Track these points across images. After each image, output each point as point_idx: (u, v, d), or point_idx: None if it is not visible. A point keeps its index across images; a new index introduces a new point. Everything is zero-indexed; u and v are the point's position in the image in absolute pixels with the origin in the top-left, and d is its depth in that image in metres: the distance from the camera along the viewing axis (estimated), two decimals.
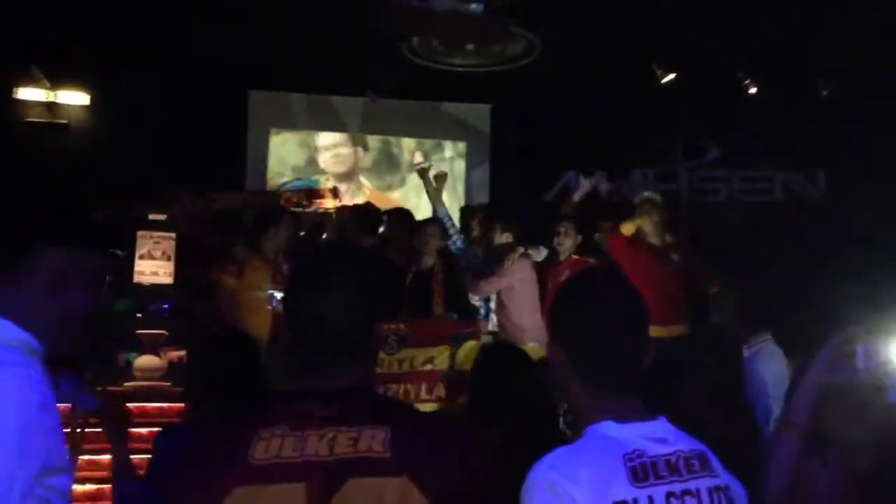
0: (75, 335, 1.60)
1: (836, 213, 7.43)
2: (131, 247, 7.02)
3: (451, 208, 6.41)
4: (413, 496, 1.28)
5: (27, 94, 7.92)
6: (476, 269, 5.66)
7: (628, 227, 5.56)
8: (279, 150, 9.24)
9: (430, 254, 5.39)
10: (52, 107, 8.00)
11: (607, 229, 5.78)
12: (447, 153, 9.59)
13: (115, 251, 1.79)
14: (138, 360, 6.70)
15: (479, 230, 6.19)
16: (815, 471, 1.84)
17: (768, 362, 3.41)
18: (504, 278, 5.42)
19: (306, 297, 1.44)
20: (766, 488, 1.79)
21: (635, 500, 1.37)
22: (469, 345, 4.53)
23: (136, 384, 6.54)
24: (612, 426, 1.46)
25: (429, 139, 9.49)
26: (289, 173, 9.16)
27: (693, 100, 8.03)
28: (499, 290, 5.48)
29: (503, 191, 8.90)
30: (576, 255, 5.70)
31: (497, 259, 5.54)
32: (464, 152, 9.54)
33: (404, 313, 4.88)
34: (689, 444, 1.49)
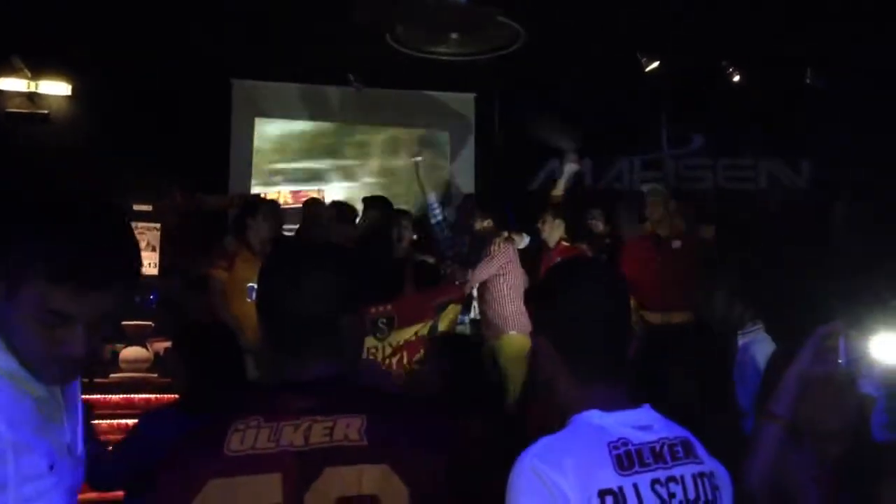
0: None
1: (820, 202, 7.47)
2: None
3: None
4: (392, 484, 1.27)
5: (7, 84, 7.82)
6: (463, 257, 5.67)
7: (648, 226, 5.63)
8: (263, 139, 9.20)
9: (406, 242, 5.86)
10: (32, 97, 7.91)
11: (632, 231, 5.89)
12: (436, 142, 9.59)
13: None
14: (124, 352, 6.68)
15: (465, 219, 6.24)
16: (793, 458, 1.89)
17: (762, 348, 3.47)
18: (494, 260, 5.43)
19: (272, 287, 1.43)
20: (750, 478, 1.82)
21: (620, 488, 1.39)
22: (449, 308, 4.94)
23: (122, 375, 6.53)
24: (598, 415, 1.47)
25: (413, 128, 9.46)
26: (275, 161, 9.15)
27: (678, 88, 8.05)
28: (490, 274, 5.48)
29: (487, 179, 8.89)
30: (566, 243, 5.71)
31: (481, 245, 5.55)
32: (448, 141, 9.53)
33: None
34: (674, 432, 1.51)
